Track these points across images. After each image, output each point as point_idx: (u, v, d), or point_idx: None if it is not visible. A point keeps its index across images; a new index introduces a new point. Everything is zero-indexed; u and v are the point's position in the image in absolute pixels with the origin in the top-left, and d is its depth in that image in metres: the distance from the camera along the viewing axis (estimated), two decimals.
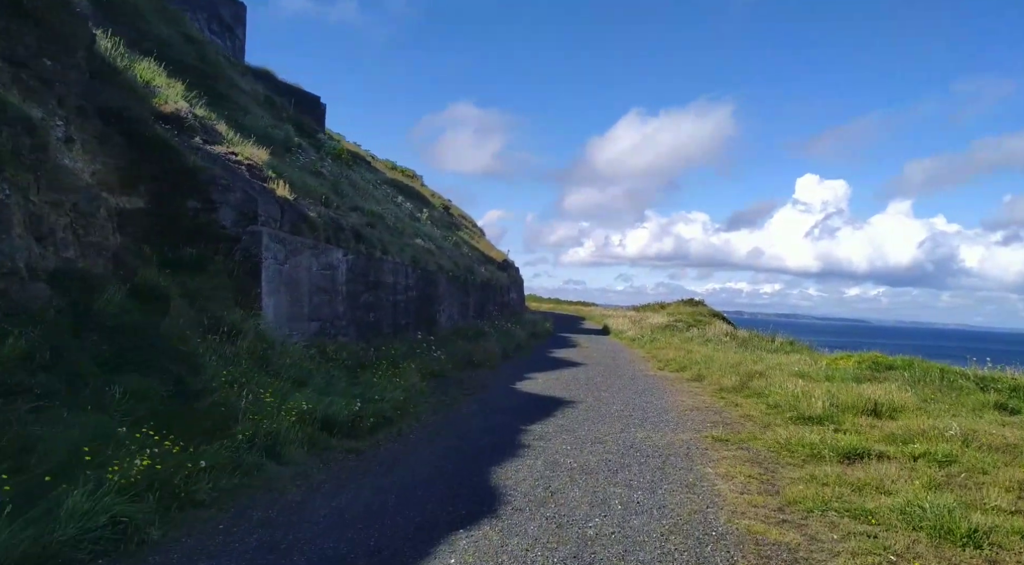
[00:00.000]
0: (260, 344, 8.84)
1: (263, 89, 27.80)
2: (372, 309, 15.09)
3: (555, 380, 14.50)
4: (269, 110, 24.90)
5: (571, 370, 16.80)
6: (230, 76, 22.62)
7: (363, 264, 14.57)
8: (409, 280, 18.13)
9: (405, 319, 17.62)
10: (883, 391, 12.33)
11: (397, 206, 29.13)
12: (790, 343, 26.21)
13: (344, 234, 13.97)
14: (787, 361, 20.10)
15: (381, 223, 18.76)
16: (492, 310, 32.16)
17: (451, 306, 23.57)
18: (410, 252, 18.86)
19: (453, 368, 14.31)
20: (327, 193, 16.74)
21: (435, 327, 20.67)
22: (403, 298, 17.48)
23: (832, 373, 17.05)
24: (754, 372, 16.08)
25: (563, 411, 10.46)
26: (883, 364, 17.79)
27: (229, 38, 33.67)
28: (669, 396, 13.00)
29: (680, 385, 14.87)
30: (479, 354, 16.45)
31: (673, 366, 18.55)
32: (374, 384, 9.47)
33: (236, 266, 10.06)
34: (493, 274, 35.30)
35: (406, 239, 19.75)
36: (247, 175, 11.59)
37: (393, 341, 15.52)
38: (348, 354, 11.28)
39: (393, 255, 16.96)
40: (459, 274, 25.40)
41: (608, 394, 12.78)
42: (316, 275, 12.18)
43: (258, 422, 6.43)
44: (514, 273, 48.64)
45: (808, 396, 11.74)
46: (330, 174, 20.61)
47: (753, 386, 13.79)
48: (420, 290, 19.33)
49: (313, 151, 23.94)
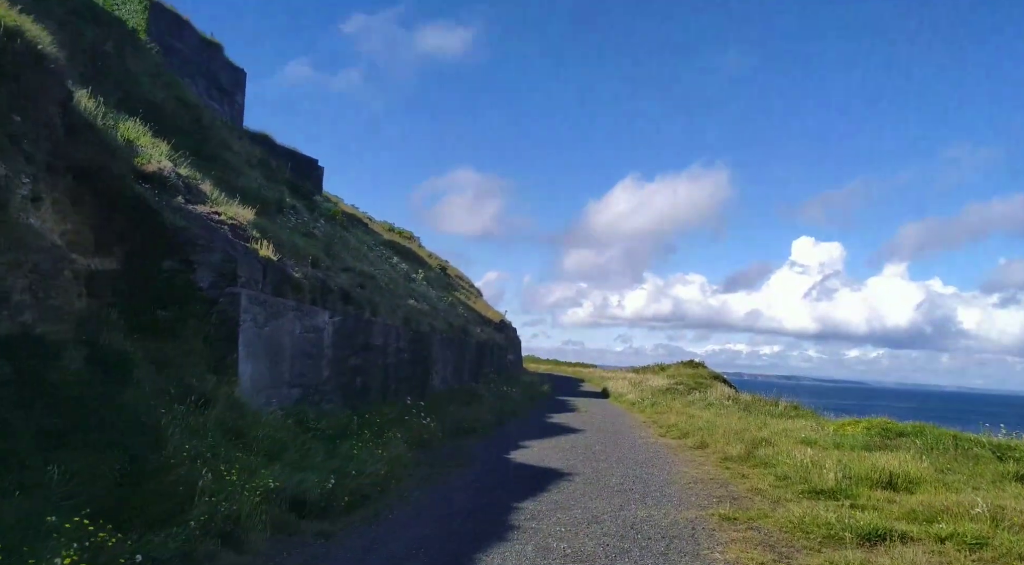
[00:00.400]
0: (232, 414, 8.24)
1: (259, 152, 27.87)
2: (360, 373, 14.48)
3: (551, 448, 13.77)
4: (264, 172, 24.83)
5: (568, 437, 16.06)
6: (224, 138, 22.62)
7: (351, 326, 14.05)
8: (401, 342, 17.56)
9: (396, 382, 16.97)
10: (898, 461, 11.64)
11: (392, 267, 28.81)
12: (794, 407, 25.43)
13: (332, 295, 13.50)
14: (793, 427, 19.35)
15: (372, 284, 18.33)
16: (488, 371, 31.43)
17: (445, 368, 22.91)
18: (402, 313, 18.36)
19: (444, 436, 13.60)
20: (318, 254, 16.38)
21: (428, 390, 19.98)
22: (394, 361, 16.88)
23: (840, 440, 16.31)
24: (760, 439, 15.36)
25: (558, 485, 9.76)
26: (893, 431, 17.06)
27: (228, 103, 34.04)
28: (671, 466, 12.27)
29: (683, 454, 14.13)
30: (472, 420, 15.74)
31: (675, 432, 17.79)
32: (353, 456, 8.80)
33: (212, 330, 9.54)
34: (490, 335, 34.70)
35: (398, 300, 19.30)
36: (229, 235, 11.19)
37: (382, 406, 14.84)
38: (330, 423, 10.63)
39: (384, 316, 16.46)
40: (454, 335, 24.83)
41: (607, 464, 12.06)
42: (299, 338, 11.64)
43: (215, 504, 5.80)
44: (511, 334, 47.99)
45: (819, 467, 11.04)
46: (323, 235, 20.31)
47: (760, 455, 13.07)
48: (412, 352, 18.74)
49: (307, 212, 23.75)
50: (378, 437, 10.84)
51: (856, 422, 18.77)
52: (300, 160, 38.92)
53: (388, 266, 27.21)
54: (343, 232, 25.55)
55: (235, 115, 33.81)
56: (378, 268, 23.87)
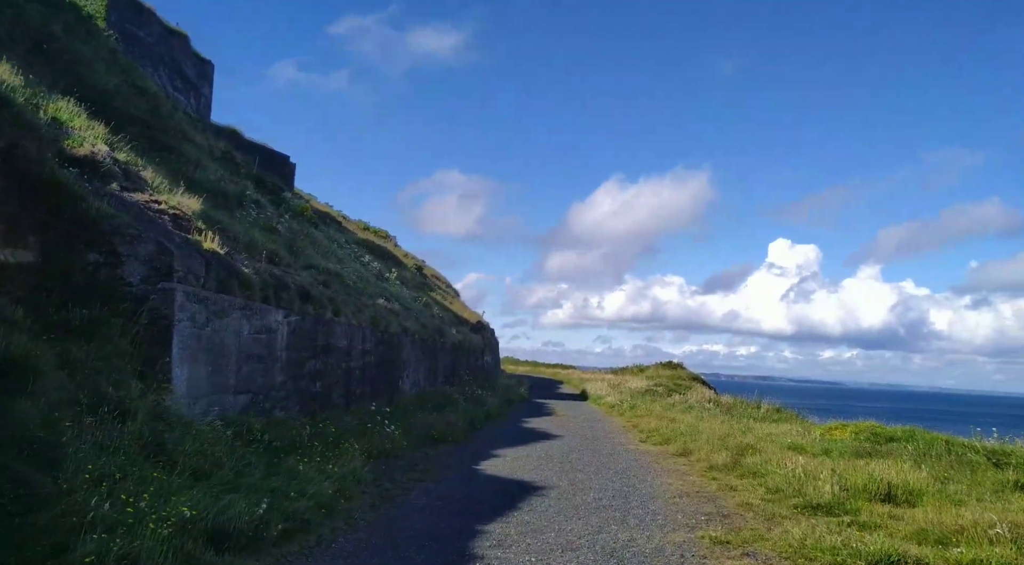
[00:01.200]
0: (156, 426, 7.19)
1: (225, 146, 26.69)
2: (320, 377, 13.44)
3: (525, 458, 12.83)
4: (228, 166, 23.66)
5: (545, 444, 15.14)
6: (185, 129, 21.41)
7: (310, 327, 13.01)
8: (367, 344, 16.54)
9: (361, 387, 15.93)
10: (895, 471, 10.86)
11: (363, 265, 27.71)
12: (776, 410, 24.78)
13: (288, 293, 12.45)
14: (777, 431, 18.60)
15: (338, 282, 17.28)
16: (464, 374, 30.43)
17: (417, 371, 21.90)
18: (370, 313, 17.33)
19: (409, 445, 12.60)
20: (278, 250, 15.32)
21: (397, 395, 18.96)
22: (359, 364, 15.85)
23: (829, 446, 15.58)
24: (745, 445, 14.56)
25: (530, 501, 8.82)
26: (883, 435, 16.37)
27: (194, 95, 32.72)
28: (654, 477, 11.40)
29: (665, 462, 13.27)
30: (442, 427, 14.75)
31: (656, 438, 16.95)
32: (298, 473, 7.79)
33: (142, 330, 8.47)
34: (466, 336, 33.69)
35: (366, 299, 18.26)
36: (169, 226, 10.12)
37: (344, 414, 13.82)
38: (278, 433, 9.59)
39: (348, 316, 15.42)
40: (427, 336, 23.82)
41: (584, 475, 11.15)
42: (248, 340, 10.59)
43: (108, 540, 4.78)
44: (489, 335, 46.98)
45: (813, 477, 10.22)
46: (286, 231, 19.22)
47: (747, 464, 12.24)
48: (380, 355, 17.71)
49: (273, 207, 22.63)
50: (333, 449, 9.83)
51: (843, 426, 18.08)
52: (270, 156, 37.69)
53: (358, 265, 26.11)
54: (311, 229, 24.43)
55: (202, 108, 32.55)
56: (347, 266, 22.79)
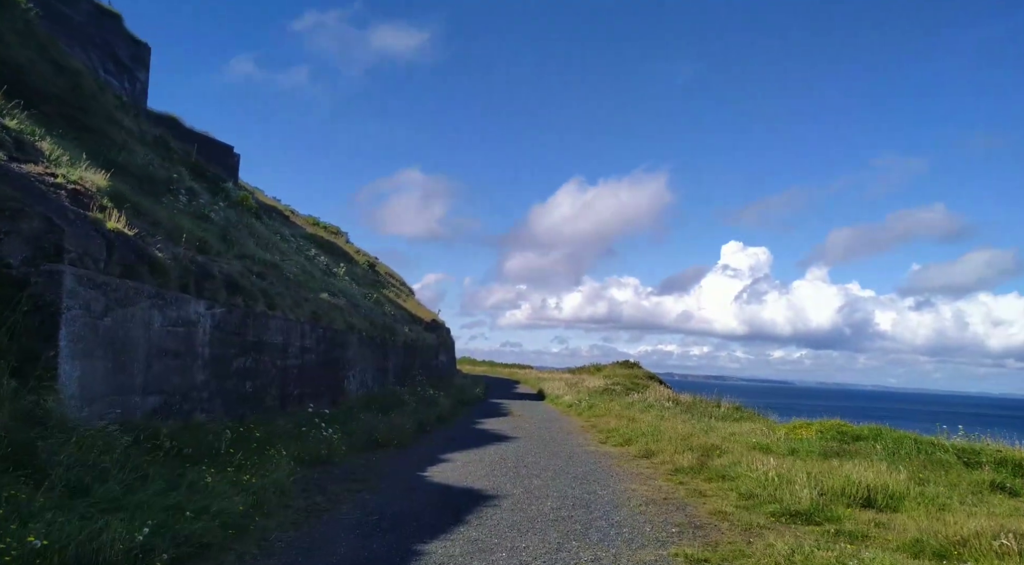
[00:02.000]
0: (26, 432, 5.93)
1: (161, 132, 25.01)
2: (251, 377, 12.16)
3: (477, 462, 11.79)
4: (159, 151, 22.02)
5: (498, 447, 14.11)
6: (111, 111, 19.76)
7: (239, 320, 11.73)
8: (307, 341, 15.27)
9: (300, 388, 14.66)
10: (872, 472, 10.16)
11: (309, 260, 26.28)
12: (736, 408, 24.27)
13: (213, 283, 11.16)
14: (740, 431, 17.96)
15: (276, 274, 15.96)
16: (417, 374, 29.21)
17: (364, 371, 20.64)
18: (310, 308, 16.05)
19: (349, 451, 11.43)
20: (207, 238, 13.96)
21: (342, 396, 17.71)
22: (297, 362, 14.58)
23: (796, 445, 14.94)
24: (710, 446, 13.80)
25: (480, 513, 7.79)
26: (849, 434, 15.83)
27: (128, 79, 30.74)
28: (616, 482, 10.48)
29: (627, 464, 12.39)
30: (388, 430, 13.59)
31: (616, 438, 16.10)
32: (206, 486, 6.59)
33: (21, 319, 7.17)
34: (419, 335, 32.45)
35: (307, 293, 16.97)
36: (66, 202, 8.77)
37: (278, 416, 12.57)
38: (192, 439, 8.34)
39: (285, 311, 14.15)
40: (376, 334, 22.57)
41: (541, 481, 10.16)
42: (160, 333, 9.30)
43: None
44: (444, 334, 45.75)
45: (787, 481, 9.44)
46: (221, 220, 17.77)
47: (715, 466, 11.43)
48: (323, 353, 16.45)
49: (209, 196, 21.10)
50: (256, 456, 8.63)
51: (808, 424, 17.53)
52: (212, 145, 35.96)
53: (303, 258, 24.69)
54: (252, 220, 22.92)
55: (137, 92, 30.65)
56: (289, 260, 21.41)
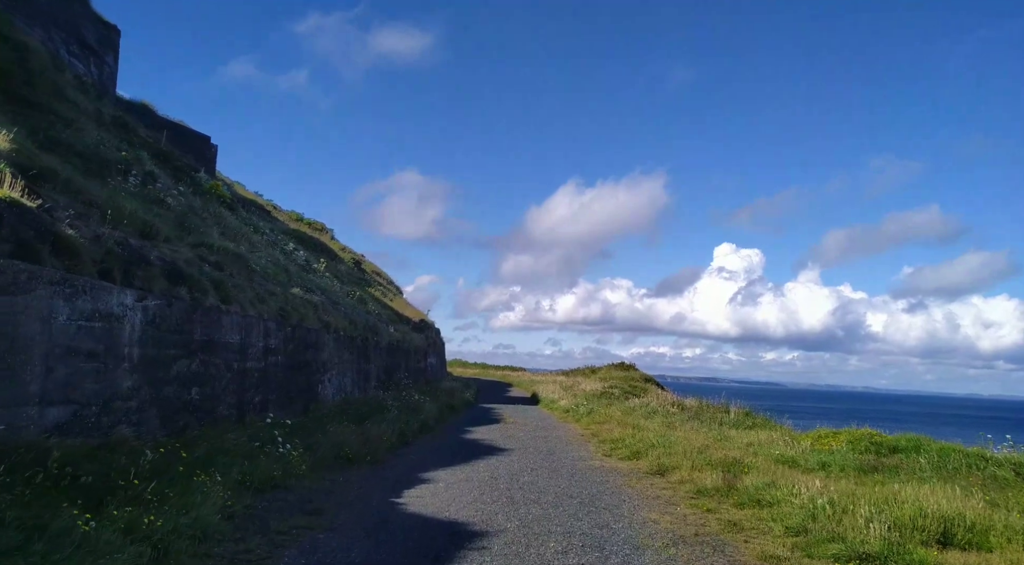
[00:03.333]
0: None
1: (121, 113, 23.16)
2: (198, 382, 10.32)
3: (464, 482, 9.99)
4: (119, 134, 20.15)
5: (489, 462, 12.32)
6: (61, 88, 17.87)
7: (181, 316, 9.89)
8: (272, 340, 13.43)
9: (262, 394, 12.82)
10: (941, 498, 8.42)
11: (285, 254, 24.44)
12: (747, 414, 22.55)
13: (148, 270, 9.32)
14: (758, 440, 16.22)
15: (239, 265, 14.12)
16: (402, 377, 27.37)
17: (343, 374, 18.81)
18: (277, 303, 14.22)
19: (311, 470, 9.60)
20: (156, 223, 12.13)
21: (315, 403, 15.87)
22: (259, 365, 12.74)
23: (826, 458, 13.22)
24: (731, 460, 12.07)
25: (463, 562, 6.00)
26: (885, 445, 14.10)
27: (96, 63, 28.74)
28: (631, 508, 8.71)
29: (640, 484, 10.62)
30: (362, 442, 11.78)
31: (623, 450, 14.32)
32: (84, 538, 4.76)
33: None
34: (405, 335, 30.59)
35: (274, 287, 15.12)
36: None
37: (233, 429, 10.73)
38: (97, 464, 6.50)
39: (245, 305, 12.32)
40: (357, 334, 20.73)
41: (541, 510, 8.38)
42: (68, 328, 7.46)
43: None
44: (433, 335, 43.87)
45: (844, 511, 7.69)
46: (180, 206, 15.91)
47: (745, 488, 9.66)
48: (292, 354, 14.62)
49: (172, 182, 19.24)
50: (182, 484, 6.80)
51: (834, 434, 15.80)
52: (187, 135, 34.15)
53: (278, 252, 22.83)
54: (221, 210, 21.07)
55: (105, 77, 28.70)
56: (260, 252, 19.57)
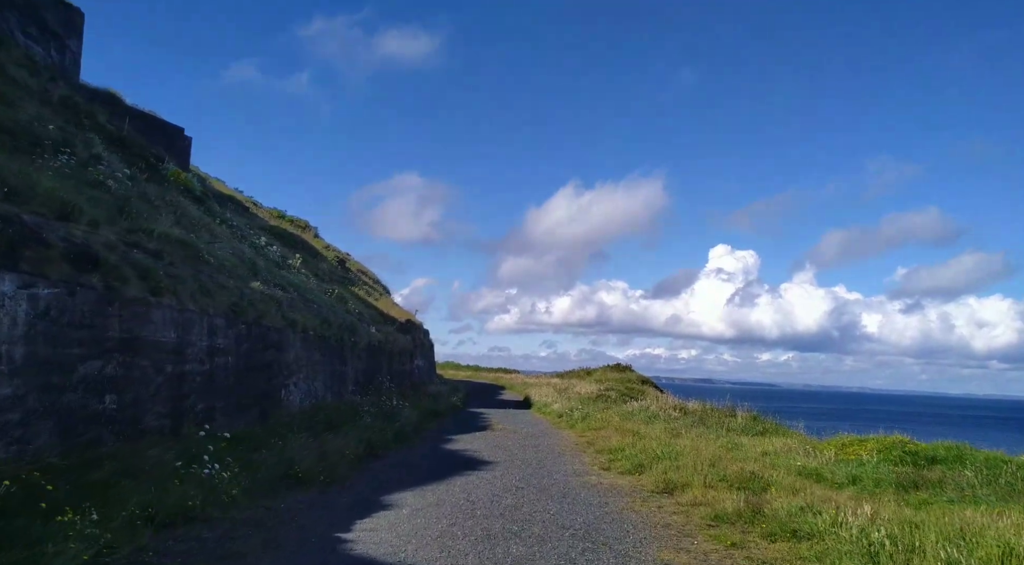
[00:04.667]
0: None
1: (73, 94, 21.33)
2: (114, 388, 8.54)
3: (433, 508, 8.24)
4: (67, 115, 18.33)
5: (468, 480, 10.58)
6: (2, 65, 16.14)
7: (89, 307, 8.12)
8: (220, 339, 11.66)
9: (207, 401, 11.03)
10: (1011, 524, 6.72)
11: (256, 248, 22.62)
12: (754, 419, 20.88)
13: (43, 252, 7.56)
14: (773, 448, 14.52)
15: (185, 254, 12.33)
16: (384, 381, 25.57)
17: (312, 377, 17.03)
18: (228, 298, 12.44)
19: (245, 494, 7.83)
20: (80, 204, 10.35)
21: (276, 410, 14.09)
22: (202, 368, 10.96)
23: (855, 471, 11.54)
24: (748, 474, 10.36)
25: None
26: (921, 455, 12.41)
27: (56, 48, 26.81)
28: (640, 545, 6.97)
29: (646, 508, 8.89)
30: (318, 458, 10.01)
31: (623, 462, 12.60)
32: None
33: None
34: (388, 336, 28.77)
35: (226, 279, 13.33)
36: None
37: (159, 444, 8.96)
38: None
39: (184, 299, 10.55)
40: (331, 334, 18.95)
41: (523, 549, 6.64)
42: None
43: None
44: (421, 336, 42.03)
45: (918, 551, 5.98)
46: (122, 190, 14.08)
47: (775, 513, 7.94)
48: (246, 355, 12.84)
49: (124, 167, 17.43)
50: (40, 525, 5.04)
51: (860, 441, 14.11)
52: (158, 125, 32.18)
53: (246, 246, 20.99)
54: (181, 199, 19.23)
55: (68, 62, 26.83)
56: (223, 243, 17.77)
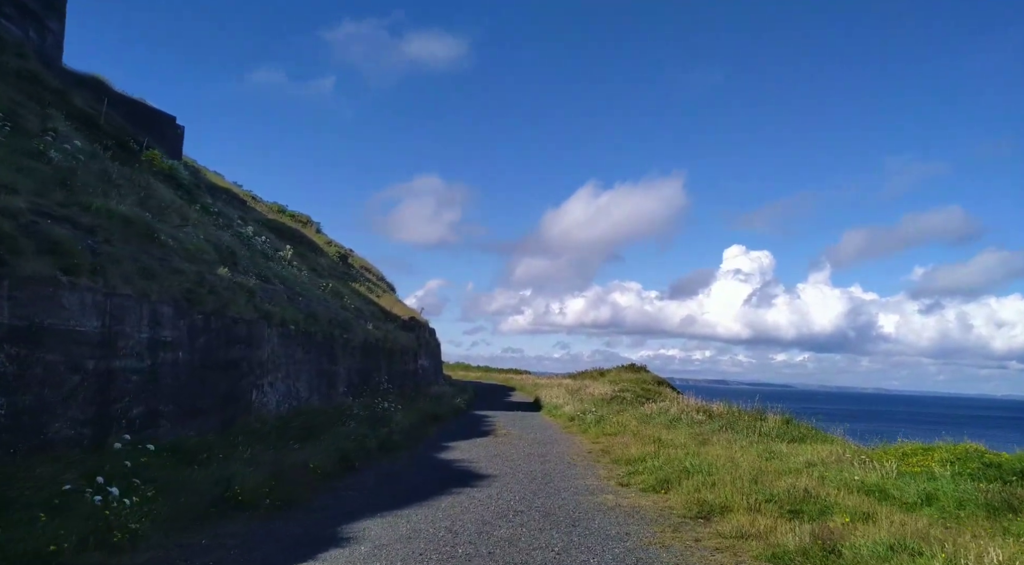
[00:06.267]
0: None
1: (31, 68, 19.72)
2: (2, 391, 6.74)
3: (401, 545, 6.36)
4: (28, 91, 16.66)
5: (456, 500, 8.68)
6: None
7: None
8: (166, 331, 9.83)
9: (146, 405, 9.21)
10: None
11: (241, 237, 20.86)
12: (786, 421, 18.83)
13: None
14: (820, 458, 12.51)
15: (130, 231, 10.52)
16: (382, 382, 23.74)
17: (294, 377, 15.21)
18: (182, 283, 10.63)
19: (156, 527, 5.98)
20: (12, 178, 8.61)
21: (245, 415, 12.26)
22: (139, 364, 9.13)
23: (930, 488, 9.52)
24: (800, 493, 8.40)
25: None
26: (1007, 468, 10.38)
27: (35, 28, 25.20)
28: None
29: (679, 543, 6.95)
30: (264, 476, 8.14)
31: (645, 476, 10.64)
32: None
33: None
34: (389, 334, 26.94)
35: (181, 263, 11.51)
36: None
37: (64, 458, 7.15)
38: None
39: (115, 282, 8.74)
40: (317, 329, 17.15)
41: None
42: None
43: None
44: (426, 335, 40.20)
45: None
46: (67, 163, 12.28)
47: (855, 553, 5.99)
48: (204, 351, 11.02)
49: (87, 145, 15.71)
50: None
51: (925, 450, 12.02)
52: (147, 113, 30.55)
53: (227, 234, 19.22)
54: (153, 181, 17.46)
55: (49, 45, 25.28)
56: (198, 229, 15.99)
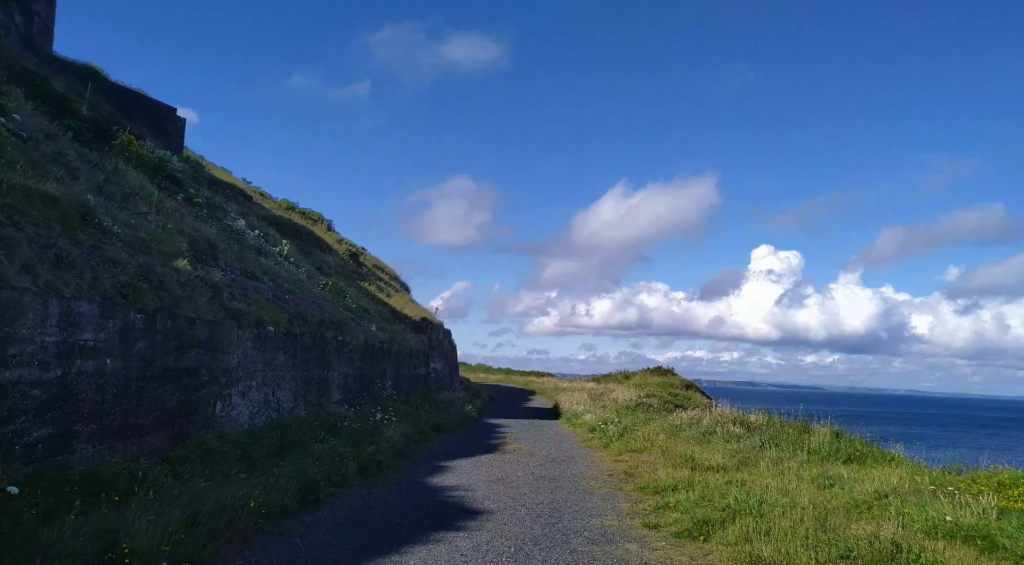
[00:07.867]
0: None
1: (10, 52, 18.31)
2: None
3: None
4: None
5: (433, 553, 6.71)
6: None
7: None
8: (87, 333, 8.00)
9: (51, 425, 7.37)
10: None
11: (230, 231, 19.14)
12: (836, 435, 16.59)
13: None
14: (889, 485, 10.34)
15: (53, 213, 8.71)
16: (386, 388, 21.91)
17: (272, 385, 13.38)
18: (115, 275, 8.80)
19: None
20: None
21: (204, 431, 10.42)
22: (45, 376, 7.29)
23: None
24: (889, 547, 6.32)
25: None
26: None
27: (22, 12, 23.85)
28: None
29: None
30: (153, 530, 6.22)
31: (678, 515, 8.58)
32: None
33: None
34: (395, 335, 25.08)
35: (122, 251, 9.69)
36: None
37: None
38: None
39: (6, 271, 6.93)
40: (303, 330, 15.32)
41: None
42: None
43: None
44: (440, 336, 38.32)
45: None
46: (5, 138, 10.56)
47: None
48: (145, 357, 9.19)
49: (44, 124, 14.07)
50: None
51: (1018, 478, 9.88)
52: (147, 104, 29.20)
53: (211, 226, 17.48)
54: (124, 167, 15.75)
55: (36, 31, 23.95)
56: (170, 217, 14.24)
